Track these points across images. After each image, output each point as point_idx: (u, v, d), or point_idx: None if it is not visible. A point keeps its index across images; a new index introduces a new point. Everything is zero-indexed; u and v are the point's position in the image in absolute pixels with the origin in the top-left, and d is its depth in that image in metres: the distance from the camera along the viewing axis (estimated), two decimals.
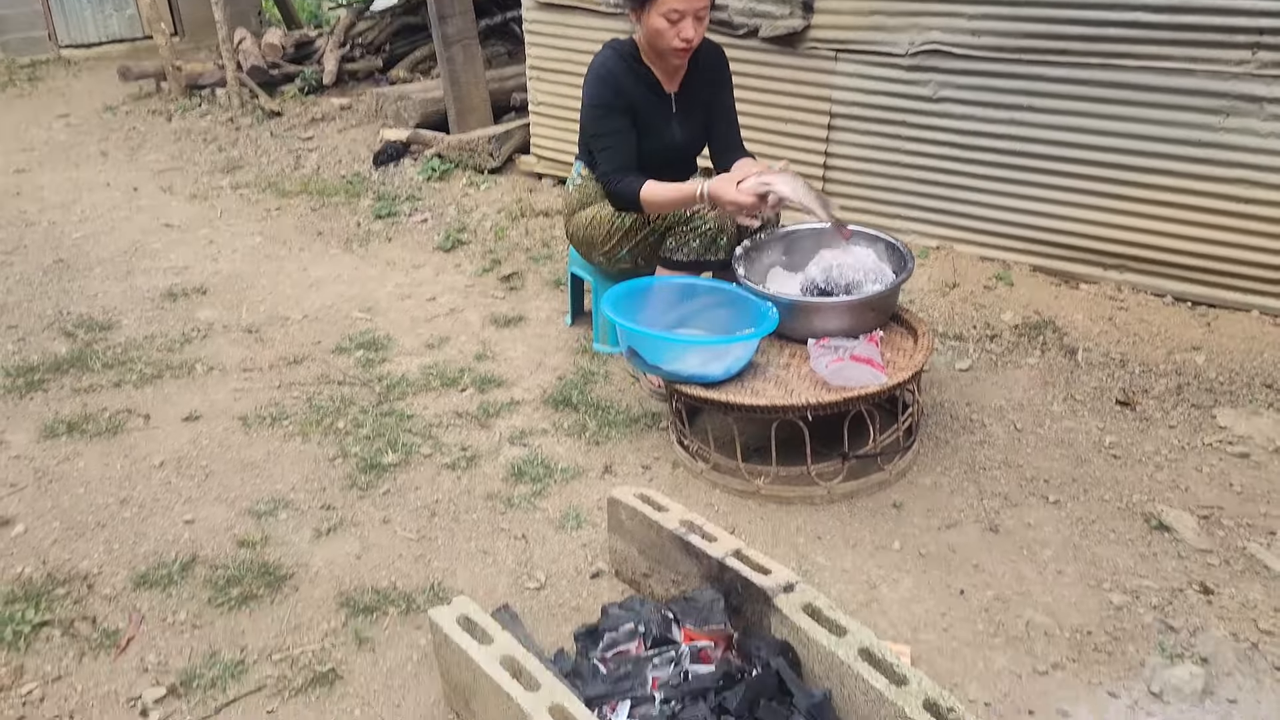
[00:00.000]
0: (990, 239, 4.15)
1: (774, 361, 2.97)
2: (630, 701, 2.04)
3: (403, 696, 2.28)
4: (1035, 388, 3.35)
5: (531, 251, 4.70)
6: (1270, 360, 3.35)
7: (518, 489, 2.98)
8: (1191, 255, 3.69)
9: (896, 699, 1.87)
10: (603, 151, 3.27)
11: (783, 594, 2.14)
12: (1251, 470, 2.87)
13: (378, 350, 3.84)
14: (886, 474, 2.89)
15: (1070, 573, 2.54)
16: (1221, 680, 2.19)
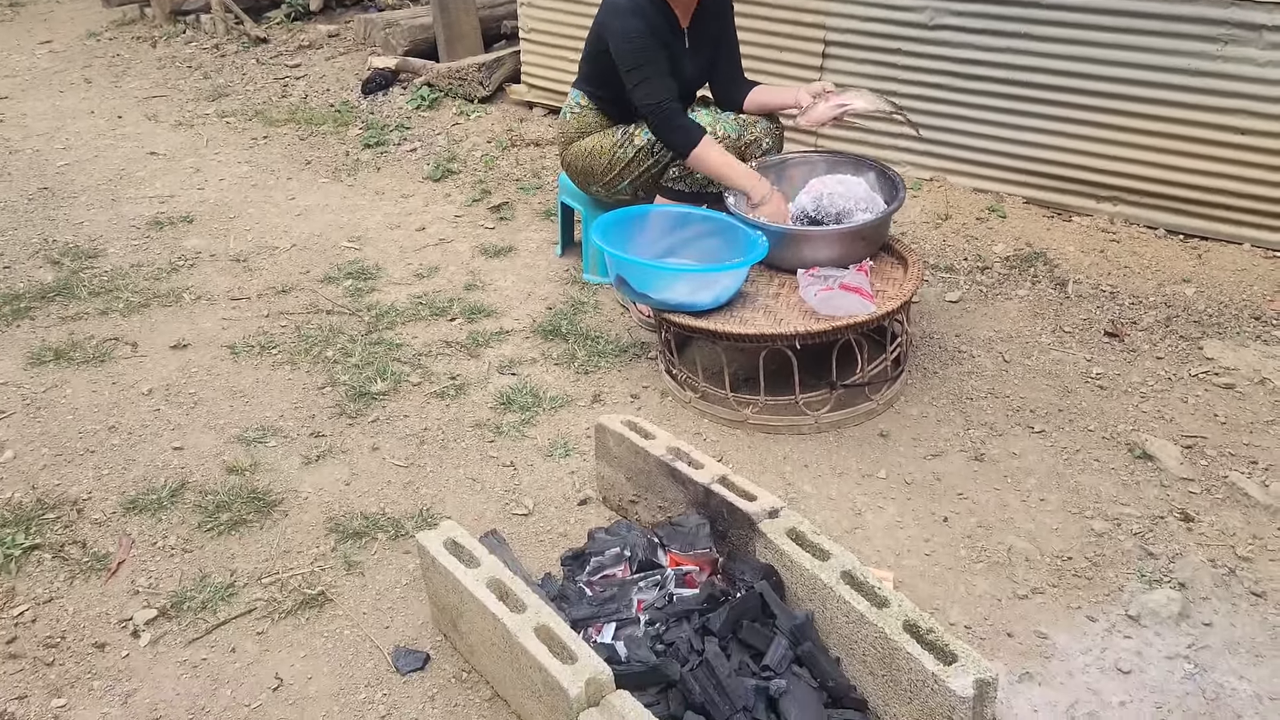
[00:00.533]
0: (984, 170, 4.11)
1: (763, 291, 2.96)
2: (615, 623, 2.07)
3: (391, 618, 2.30)
4: (1024, 319, 3.35)
5: (522, 182, 4.66)
6: (1259, 293, 3.35)
7: (506, 417, 2.99)
8: (1186, 187, 3.67)
9: (877, 620, 1.90)
10: (644, 83, 3.10)
11: (767, 519, 2.16)
12: (1236, 401, 2.88)
13: (366, 280, 3.82)
14: (874, 404, 2.90)
15: (1053, 501, 2.56)
16: (1198, 605, 2.23)
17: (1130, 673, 2.07)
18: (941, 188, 4.18)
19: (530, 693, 1.93)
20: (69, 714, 2.10)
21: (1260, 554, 2.36)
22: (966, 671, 1.79)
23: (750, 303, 2.89)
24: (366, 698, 2.11)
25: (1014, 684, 2.06)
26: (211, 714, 2.09)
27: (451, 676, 2.15)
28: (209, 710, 2.09)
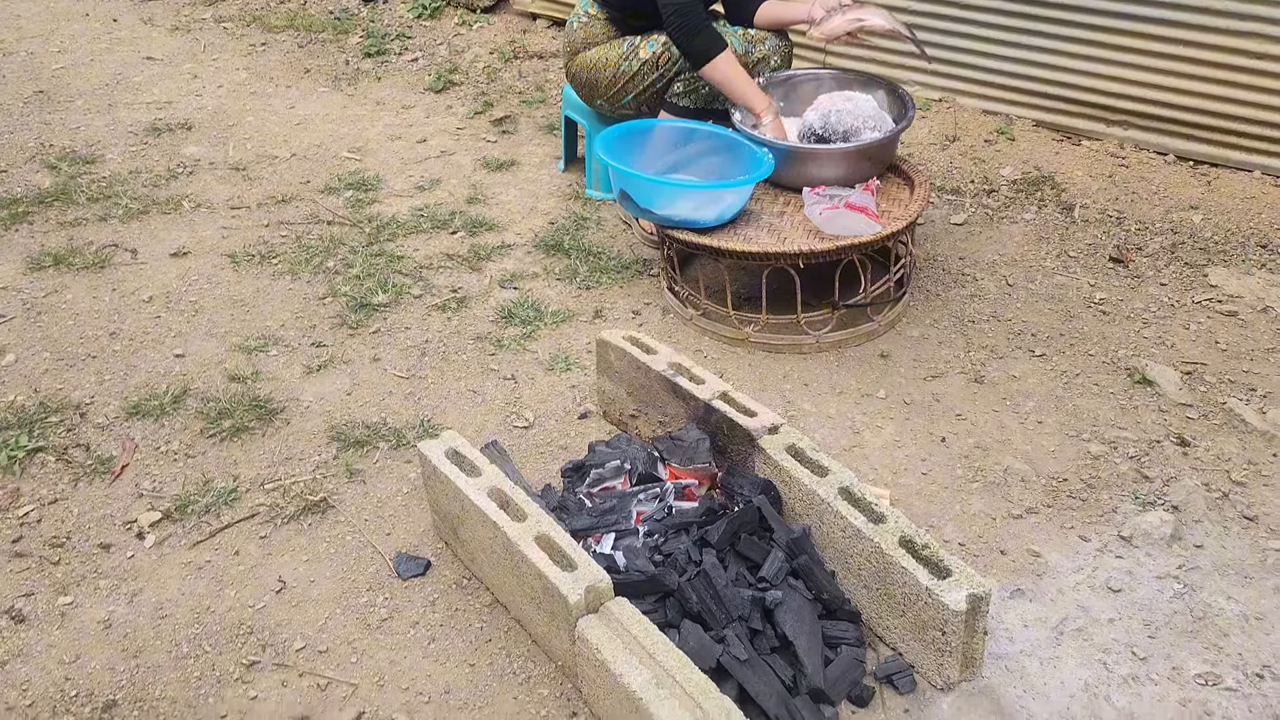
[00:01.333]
0: (994, 92, 4.05)
1: (768, 209, 2.93)
2: (614, 534, 2.10)
3: (393, 525, 2.33)
4: (1029, 243, 3.33)
5: (525, 95, 4.59)
6: (1267, 221, 3.33)
7: (508, 331, 2.99)
8: (1197, 112, 3.61)
9: (873, 535, 1.92)
10: None
11: (767, 435, 2.17)
12: (1238, 328, 2.88)
13: (367, 191, 3.78)
14: (876, 324, 2.90)
15: (1051, 423, 2.58)
16: (1190, 527, 2.26)
17: (1120, 591, 2.11)
18: (951, 109, 4.12)
19: (530, 599, 1.96)
20: (75, 611, 2.14)
21: (1254, 479, 2.38)
22: (960, 586, 1.81)
23: (754, 220, 2.87)
24: (368, 601, 2.15)
25: (1006, 600, 2.09)
26: (216, 614, 2.12)
27: (452, 583, 2.19)
28: (213, 610, 2.13)
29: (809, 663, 1.85)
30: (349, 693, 1.96)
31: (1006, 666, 1.95)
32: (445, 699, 1.94)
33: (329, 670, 2.00)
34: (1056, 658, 1.97)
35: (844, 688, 1.89)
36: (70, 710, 1.94)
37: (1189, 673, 1.94)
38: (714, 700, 1.67)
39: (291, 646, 2.05)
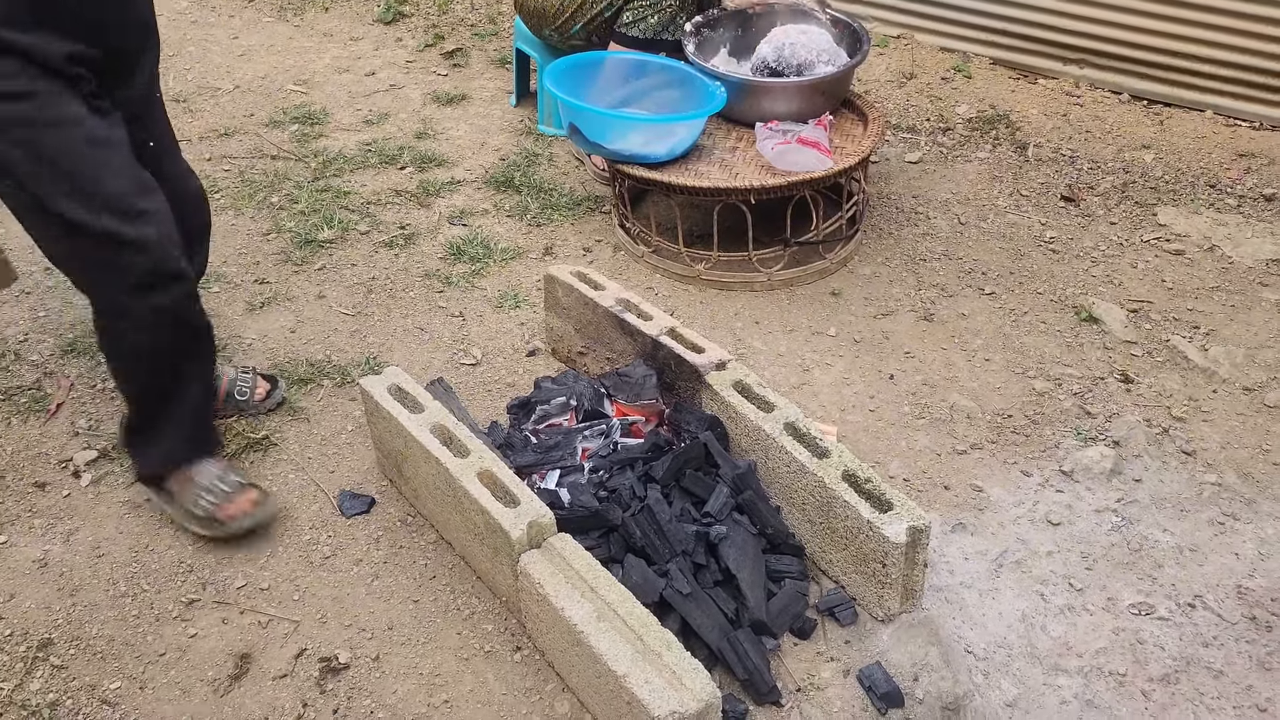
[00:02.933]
0: (952, 29, 4.00)
1: (720, 145, 2.89)
2: (559, 470, 2.09)
3: (337, 463, 2.31)
4: (983, 182, 3.32)
5: (476, 27, 4.47)
6: (1217, 160, 3.34)
7: (456, 268, 2.94)
8: (1152, 50, 3.60)
9: (817, 470, 1.93)
10: None
11: (714, 371, 2.16)
12: (1184, 267, 2.90)
13: (313, 125, 3.69)
14: (827, 262, 2.89)
15: (998, 361, 2.59)
16: (1130, 462, 2.29)
17: (1060, 525, 2.14)
18: (909, 45, 4.07)
19: (474, 535, 1.95)
20: (9, 550, 2.10)
21: (1194, 415, 2.41)
22: (900, 519, 1.83)
23: (706, 156, 2.83)
24: (311, 539, 2.13)
25: (947, 534, 2.12)
26: (155, 552, 2.09)
27: (396, 520, 2.17)
28: (152, 548, 2.10)
29: (751, 596, 1.87)
30: (291, 630, 1.95)
31: (946, 598, 1.98)
32: (388, 635, 1.94)
33: (270, 608, 1.99)
34: (995, 589, 2.00)
35: (786, 620, 1.90)
36: (4, 649, 1.91)
37: (1123, 603, 1.97)
38: (655, 633, 1.67)
39: (232, 584, 2.03)
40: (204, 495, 2.04)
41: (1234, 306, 2.75)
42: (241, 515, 2.05)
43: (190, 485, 2.05)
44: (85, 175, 1.79)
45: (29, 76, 1.72)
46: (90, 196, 1.79)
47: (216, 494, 2.05)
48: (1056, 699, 1.81)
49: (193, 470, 2.06)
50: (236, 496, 2.06)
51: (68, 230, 1.81)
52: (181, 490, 2.06)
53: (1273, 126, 3.47)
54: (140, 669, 1.89)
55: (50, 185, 1.78)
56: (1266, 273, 2.87)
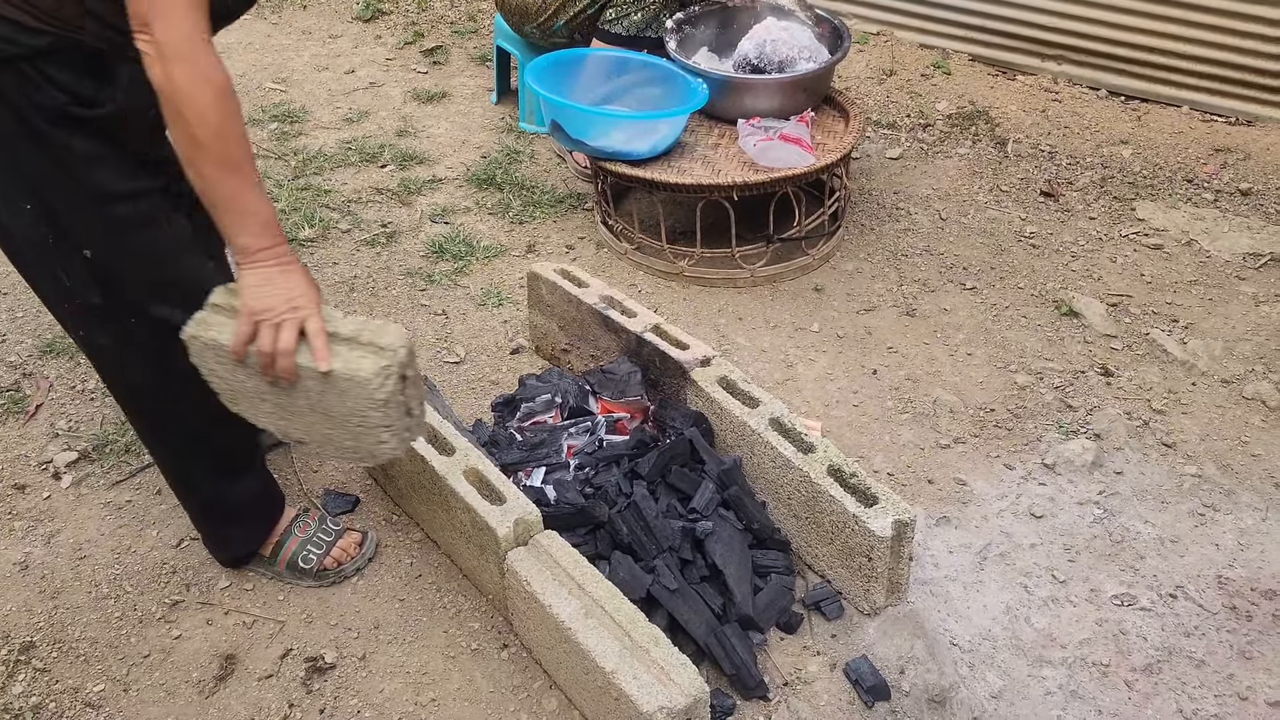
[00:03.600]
0: (932, 26, 4.02)
1: (702, 141, 2.89)
2: (545, 468, 2.09)
3: (320, 463, 2.29)
4: (963, 177, 3.34)
5: (457, 25, 4.46)
6: (1194, 155, 3.37)
7: (439, 266, 2.93)
8: (1130, 46, 3.63)
9: (802, 465, 1.93)
10: None
11: (699, 368, 2.16)
12: (1163, 261, 2.93)
13: (293, 123, 3.67)
14: (810, 258, 2.90)
15: (979, 355, 2.60)
16: (1111, 454, 2.30)
17: (1042, 517, 2.15)
18: (889, 42, 4.09)
19: (460, 534, 1.95)
20: None
21: (1174, 407, 2.43)
22: (886, 513, 1.84)
23: (689, 152, 2.83)
24: None
25: (932, 527, 2.13)
26: (137, 554, 2.08)
27: (381, 519, 2.16)
28: (135, 550, 2.08)
29: (738, 591, 1.87)
30: (276, 630, 1.94)
31: (931, 591, 1.99)
32: (374, 634, 1.93)
33: (255, 608, 1.98)
34: (979, 582, 2.01)
35: (773, 615, 1.91)
36: None
37: (1106, 594, 1.99)
38: (642, 629, 1.67)
39: (216, 585, 2.02)
40: (309, 549, 2.00)
41: (1212, 300, 2.78)
42: (348, 561, 2.03)
43: (287, 544, 2.01)
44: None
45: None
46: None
47: (319, 544, 2.01)
48: (1041, 690, 1.82)
49: (281, 529, 2.02)
50: (340, 542, 2.03)
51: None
52: (280, 552, 2.01)
53: (1249, 121, 3.50)
54: (124, 671, 1.87)
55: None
56: (1243, 266, 2.89)
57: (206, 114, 1.37)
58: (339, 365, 1.48)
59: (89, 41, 1.46)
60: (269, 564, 2.02)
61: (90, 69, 1.49)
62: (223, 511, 1.94)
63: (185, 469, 1.88)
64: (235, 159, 1.43)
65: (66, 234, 1.54)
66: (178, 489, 1.94)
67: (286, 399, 1.54)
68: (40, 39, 1.42)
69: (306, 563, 2.00)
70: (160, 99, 1.38)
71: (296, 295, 1.49)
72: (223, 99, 1.39)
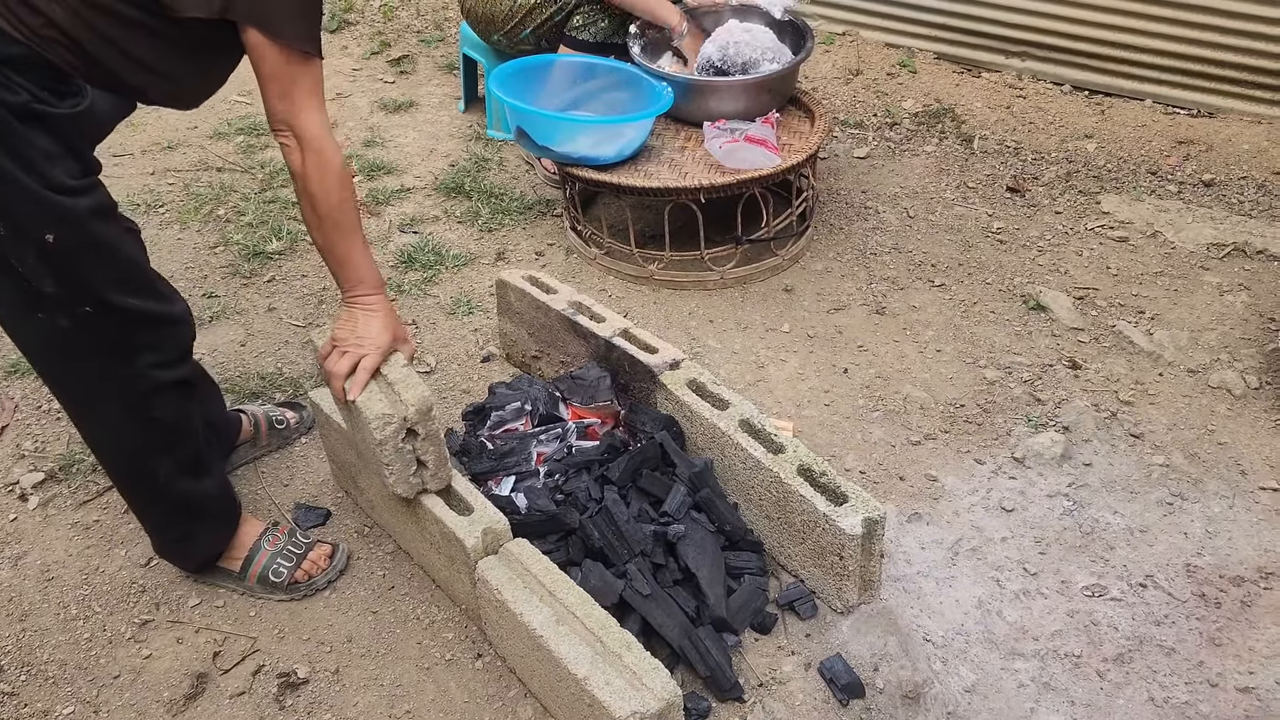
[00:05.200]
0: (896, 25, 4.04)
1: (669, 145, 2.90)
2: (514, 476, 2.08)
3: (290, 476, 2.28)
4: (930, 175, 3.36)
5: (423, 34, 4.45)
6: (1157, 148, 3.40)
7: (408, 276, 2.92)
8: (1092, 42, 3.66)
9: (772, 465, 1.94)
10: None
11: (668, 371, 2.16)
12: (1128, 253, 2.95)
13: (259, 136, 3.65)
14: (779, 259, 2.90)
15: (949, 351, 2.62)
16: (1080, 446, 2.32)
17: (1013, 511, 2.16)
18: (854, 42, 4.11)
19: (430, 545, 1.94)
20: None
21: (1141, 398, 2.45)
22: (856, 511, 1.84)
23: (655, 156, 2.84)
24: None
25: (904, 524, 2.13)
26: (106, 574, 2.06)
27: (353, 531, 2.15)
28: (103, 570, 2.07)
29: (711, 593, 1.87)
30: (247, 646, 1.92)
31: (904, 588, 1.99)
32: (348, 647, 1.92)
33: (226, 625, 1.96)
34: (952, 577, 2.02)
35: (747, 616, 1.91)
36: None
37: (1077, 585, 2.00)
38: (614, 634, 1.67)
39: (186, 603, 2.00)
40: (279, 563, 2.00)
41: (1177, 291, 2.80)
42: (319, 573, 2.03)
43: (257, 558, 2.00)
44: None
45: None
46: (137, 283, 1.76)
47: (289, 557, 2.01)
48: (1014, 683, 1.83)
49: (250, 542, 2.01)
50: (310, 554, 2.03)
51: (111, 318, 1.70)
52: (250, 566, 2.00)
53: (1210, 113, 3.54)
54: (94, 692, 1.85)
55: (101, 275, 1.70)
56: (1207, 256, 2.92)
57: (330, 194, 1.68)
58: (360, 400, 1.75)
59: (56, 61, 1.57)
60: (239, 579, 2.00)
61: (54, 81, 1.58)
62: (187, 511, 1.92)
63: (149, 467, 1.84)
64: (348, 226, 1.73)
65: (22, 226, 1.58)
66: (139, 495, 1.91)
67: (351, 416, 1.83)
68: (14, 48, 1.52)
69: (277, 576, 1.99)
70: (294, 179, 1.69)
71: (366, 336, 1.78)
72: (343, 181, 1.70)
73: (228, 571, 2.01)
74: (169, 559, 2.02)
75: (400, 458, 1.77)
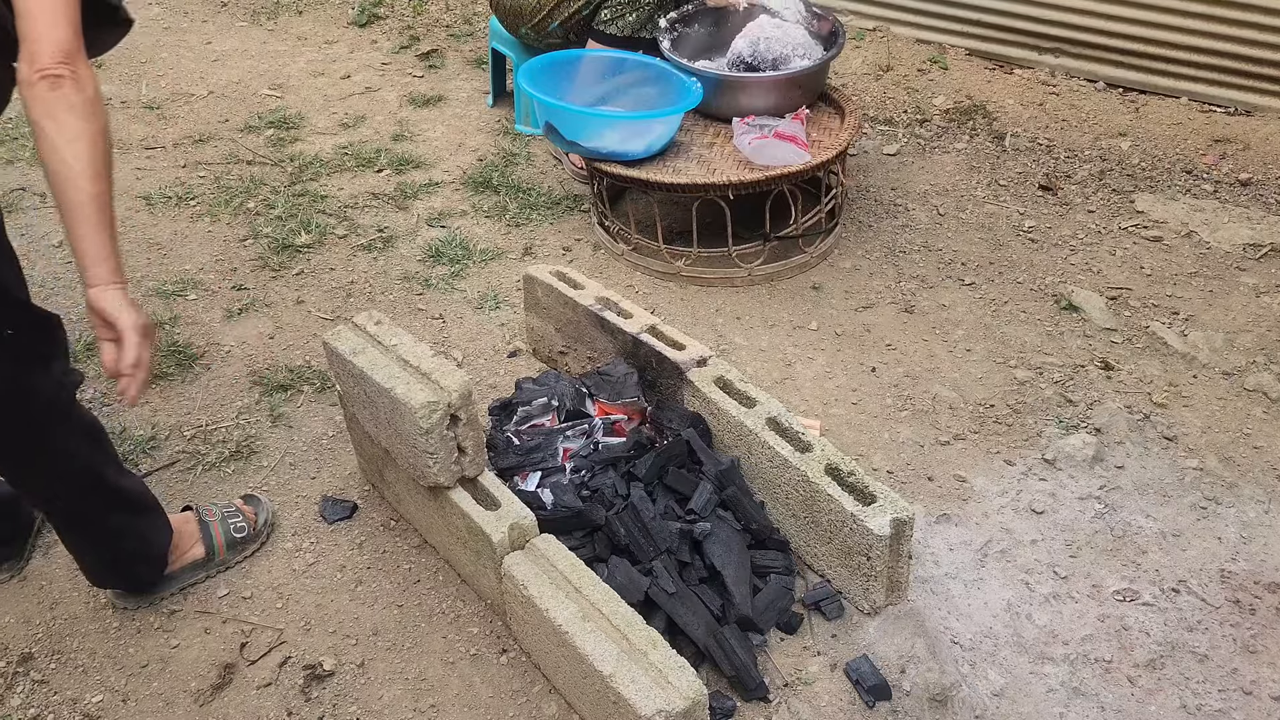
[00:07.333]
0: (928, 21, 4.01)
1: (697, 140, 2.89)
2: (540, 472, 2.08)
3: (318, 470, 2.29)
4: (961, 173, 3.32)
5: (452, 28, 4.46)
6: (1192, 146, 3.36)
7: (435, 270, 2.93)
8: (1127, 38, 3.61)
9: (800, 464, 1.92)
10: None
11: (695, 368, 2.15)
12: (1162, 253, 2.91)
13: (289, 129, 3.66)
14: (807, 256, 2.89)
15: (979, 351, 2.59)
16: (1112, 449, 2.29)
17: (1043, 513, 2.14)
18: (884, 38, 4.08)
19: (456, 539, 1.94)
20: None
21: (1174, 400, 2.42)
22: (884, 512, 1.82)
23: (684, 152, 2.82)
24: (294, 546, 2.11)
25: (932, 525, 2.11)
26: None
27: (379, 525, 2.16)
28: None
29: (737, 592, 1.86)
30: (274, 638, 1.93)
31: (932, 589, 1.98)
32: (373, 641, 1.92)
33: (253, 616, 1.97)
34: (980, 579, 2.00)
35: (772, 615, 1.90)
36: None
37: (1108, 590, 1.98)
38: (640, 632, 1.67)
39: (214, 594, 2.02)
40: (230, 523, 2.05)
41: (1212, 291, 2.76)
42: (255, 519, 2.09)
43: (212, 531, 2.03)
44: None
45: None
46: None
47: (234, 514, 2.07)
48: (1043, 687, 1.81)
49: (190, 527, 2.02)
50: (237, 507, 2.10)
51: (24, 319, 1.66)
52: (210, 543, 2.03)
53: (1247, 112, 3.48)
54: (122, 681, 1.87)
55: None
56: (1243, 257, 2.88)
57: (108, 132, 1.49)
58: (400, 391, 1.76)
59: None
60: (209, 562, 2.03)
61: None
62: (138, 506, 1.91)
63: (99, 473, 1.81)
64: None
65: None
66: (92, 510, 1.82)
67: (376, 411, 1.88)
68: None
69: (240, 531, 2.06)
70: (78, 120, 1.42)
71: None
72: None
73: (194, 564, 2.02)
74: (133, 575, 1.96)
75: (444, 445, 1.79)
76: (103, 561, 1.93)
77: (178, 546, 1.99)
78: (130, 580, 1.98)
